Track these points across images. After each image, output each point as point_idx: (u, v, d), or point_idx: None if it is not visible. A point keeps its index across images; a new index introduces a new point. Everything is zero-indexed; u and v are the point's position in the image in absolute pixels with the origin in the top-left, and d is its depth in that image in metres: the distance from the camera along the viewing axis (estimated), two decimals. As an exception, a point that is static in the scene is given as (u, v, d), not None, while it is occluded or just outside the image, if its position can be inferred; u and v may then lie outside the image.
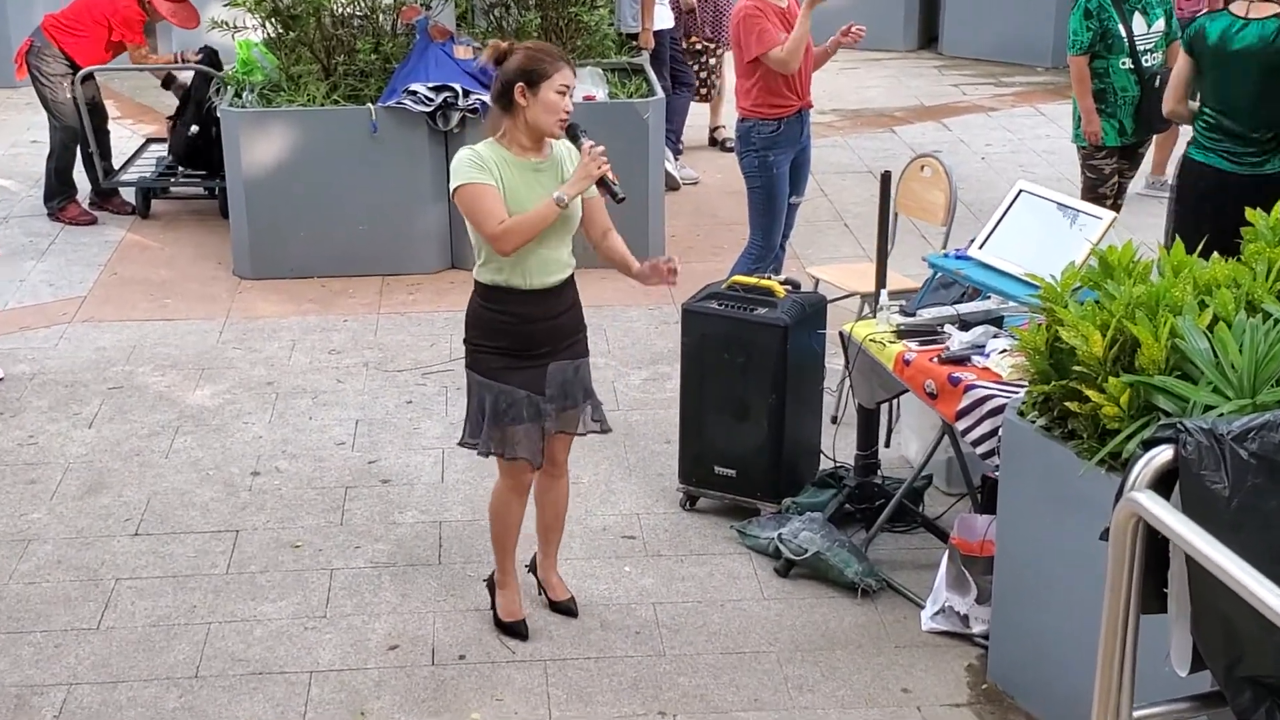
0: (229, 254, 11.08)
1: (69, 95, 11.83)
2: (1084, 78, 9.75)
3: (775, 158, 9.14)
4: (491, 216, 6.00)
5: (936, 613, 6.62)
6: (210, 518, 7.60)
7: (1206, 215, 8.34)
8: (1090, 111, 9.74)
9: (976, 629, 6.50)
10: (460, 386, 8.82)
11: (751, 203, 9.39)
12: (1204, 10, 11.54)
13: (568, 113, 6.07)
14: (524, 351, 6.20)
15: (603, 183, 6.10)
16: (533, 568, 6.87)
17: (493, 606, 6.69)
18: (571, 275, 6.30)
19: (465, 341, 6.36)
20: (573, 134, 6.16)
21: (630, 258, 6.33)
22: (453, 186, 6.11)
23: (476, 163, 6.05)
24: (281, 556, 7.25)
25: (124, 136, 13.36)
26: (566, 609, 6.76)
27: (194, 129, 12.11)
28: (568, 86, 6.05)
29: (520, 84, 6.01)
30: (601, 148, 6.08)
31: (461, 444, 6.50)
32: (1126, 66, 9.68)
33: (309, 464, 8.14)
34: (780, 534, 7.05)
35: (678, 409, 7.71)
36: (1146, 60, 9.68)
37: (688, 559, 7.23)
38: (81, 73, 11.82)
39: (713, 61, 13.33)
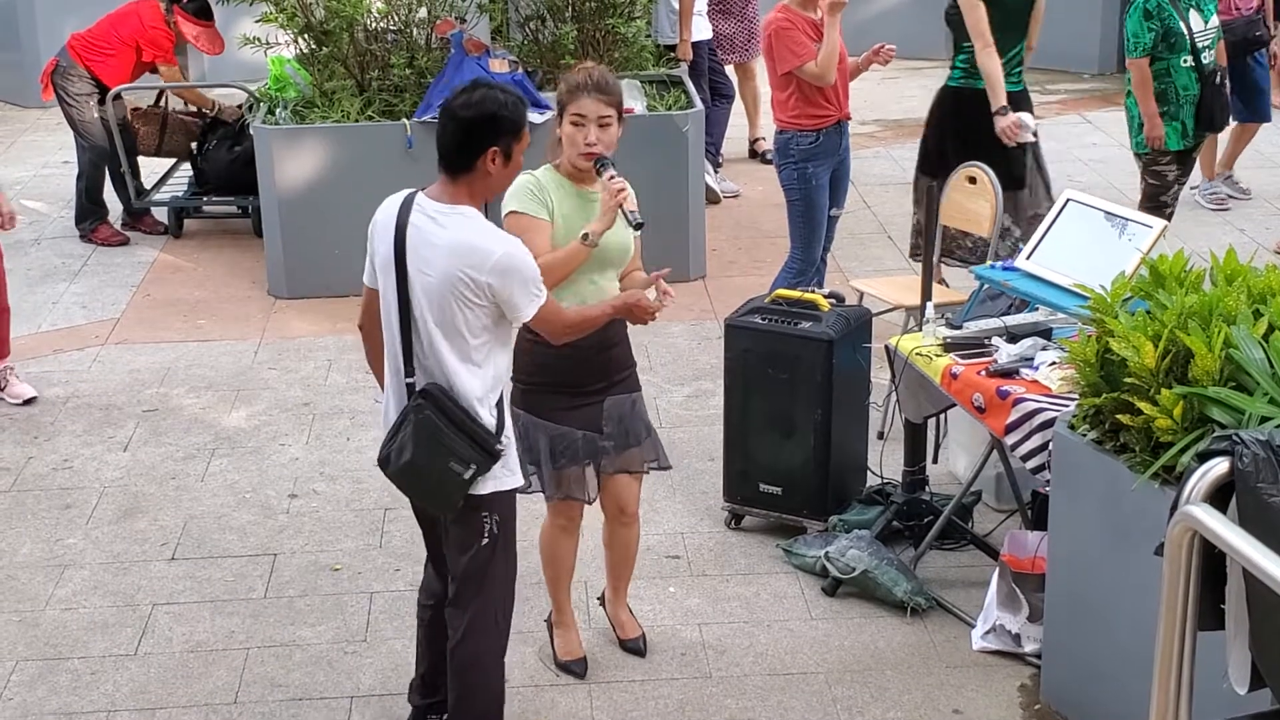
0: (263, 273, 11.04)
1: (95, 115, 11.80)
2: (1147, 81, 9.65)
3: (814, 169, 9.04)
4: (531, 252, 5.87)
5: (987, 632, 6.53)
6: (248, 541, 7.54)
7: (965, 132, 9.65)
8: (1154, 115, 9.63)
9: (1029, 648, 6.40)
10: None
11: (791, 215, 9.30)
12: (1253, 7, 11.51)
13: (589, 144, 5.88)
14: (579, 387, 6.07)
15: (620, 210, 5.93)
16: (603, 601, 6.77)
17: (551, 645, 6.58)
18: None
19: (515, 381, 6.11)
20: (598, 167, 5.94)
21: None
22: (505, 209, 5.93)
23: (534, 191, 5.91)
24: (320, 580, 7.19)
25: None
26: (634, 648, 6.62)
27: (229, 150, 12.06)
28: (582, 115, 5.87)
29: (558, 114, 5.93)
30: (620, 182, 5.85)
31: None
32: (1188, 64, 9.59)
33: (347, 486, 8.07)
34: (827, 552, 6.97)
35: (721, 426, 7.63)
36: (1205, 57, 9.60)
37: (733, 579, 7.14)
38: (111, 92, 11.77)
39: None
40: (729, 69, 13.32)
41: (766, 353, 7.32)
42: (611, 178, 5.87)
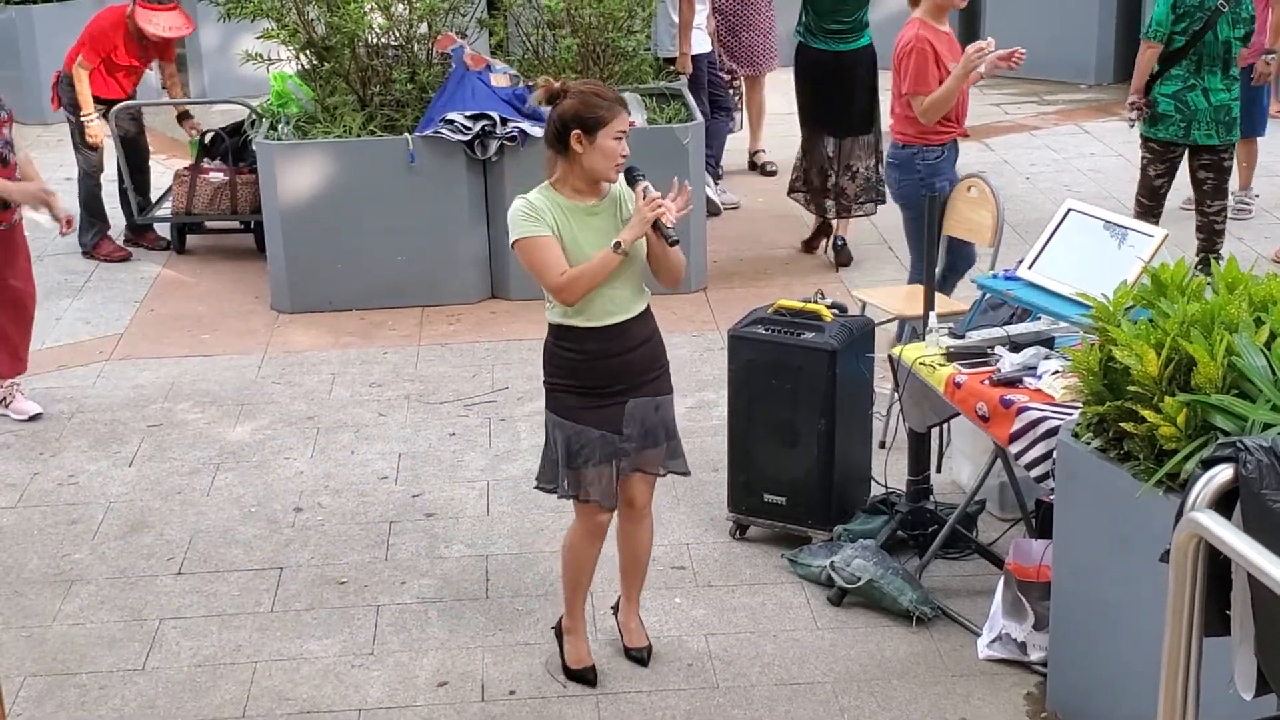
0: (266, 288, 11.05)
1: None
2: None
3: (940, 184, 9.10)
4: (551, 268, 5.93)
5: (993, 640, 6.53)
6: (254, 555, 7.54)
7: (826, 89, 11.19)
8: None
9: (1034, 656, 6.40)
10: (504, 418, 8.88)
11: (910, 227, 9.37)
12: None
13: (624, 156, 6.02)
14: (599, 389, 6.11)
15: (656, 225, 6.03)
16: (616, 608, 6.76)
17: (560, 654, 6.57)
18: (645, 311, 6.20)
19: (544, 382, 6.26)
20: (630, 176, 6.12)
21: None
22: (510, 240, 6.04)
23: (529, 213, 5.97)
24: (326, 593, 7.19)
25: (157, 172, 13.28)
26: (636, 658, 6.62)
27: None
28: (624, 132, 5.99)
29: (577, 130, 5.93)
30: (659, 195, 5.99)
31: (538, 487, 6.43)
32: None
33: (352, 499, 8.08)
34: (832, 562, 6.97)
35: (725, 436, 7.64)
36: None
37: (739, 589, 7.14)
38: (116, 108, 11.75)
39: (735, 96, 13.37)
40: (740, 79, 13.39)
41: (770, 363, 7.33)
42: (646, 189, 6.01)
